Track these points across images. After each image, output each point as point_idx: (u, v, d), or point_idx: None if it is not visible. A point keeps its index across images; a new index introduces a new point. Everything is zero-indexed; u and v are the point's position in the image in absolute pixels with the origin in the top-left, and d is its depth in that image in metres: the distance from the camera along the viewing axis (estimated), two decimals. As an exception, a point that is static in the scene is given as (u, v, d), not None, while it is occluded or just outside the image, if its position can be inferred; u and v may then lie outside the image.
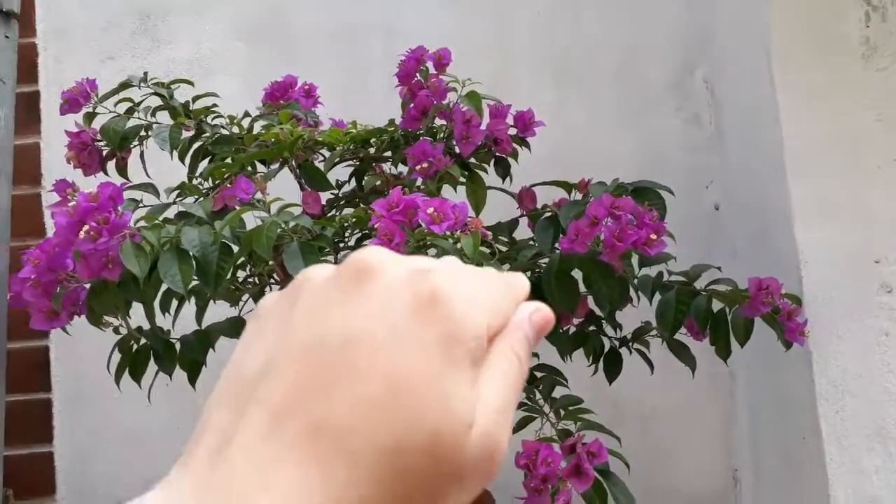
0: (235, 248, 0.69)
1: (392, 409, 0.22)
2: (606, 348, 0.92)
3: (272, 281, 0.92)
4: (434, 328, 0.23)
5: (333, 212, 0.94)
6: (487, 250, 0.72)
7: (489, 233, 0.67)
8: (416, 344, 0.23)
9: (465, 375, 0.23)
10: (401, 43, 0.97)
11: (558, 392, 0.85)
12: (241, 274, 0.90)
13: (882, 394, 0.88)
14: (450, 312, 0.23)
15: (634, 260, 0.82)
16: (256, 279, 0.93)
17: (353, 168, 0.97)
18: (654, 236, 0.73)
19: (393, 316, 0.23)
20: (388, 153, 0.94)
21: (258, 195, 0.73)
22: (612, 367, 0.92)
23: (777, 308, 0.80)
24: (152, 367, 0.88)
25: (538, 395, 0.83)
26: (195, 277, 0.66)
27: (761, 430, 1.15)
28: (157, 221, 0.70)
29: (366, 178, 0.92)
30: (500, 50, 1.35)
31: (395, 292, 0.23)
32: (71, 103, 0.85)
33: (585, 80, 1.35)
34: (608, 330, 0.93)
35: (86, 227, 0.59)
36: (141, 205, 0.80)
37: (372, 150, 0.95)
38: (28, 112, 1.35)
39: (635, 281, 0.84)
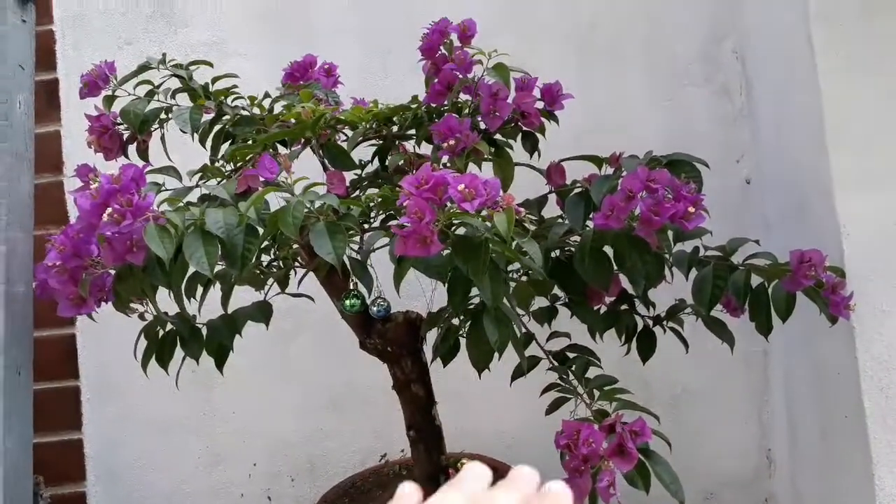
0: (260, 230, 0.68)
1: None
2: (639, 327, 0.90)
3: (297, 264, 0.91)
4: None
5: (357, 192, 0.92)
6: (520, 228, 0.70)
7: (522, 210, 0.65)
8: None
9: None
10: (421, 20, 0.94)
11: (591, 372, 0.83)
12: (265, 258, 0.88)
13: (928, 370, 0.85)
14: None
15: (669, 235, 0.79)
16: (281, 263, 0.91)
17: (375, 147, 0.95)
18: (692, 209, 0.70)
19: None
20: (412, 131, 0.92)
21: (282, 175, 0.71)
22: (646, 347, 0.89)
23: (820, 281, 0.77)
24: (179, 353, 0.87)
25: (571, 376, 0.81)
26: (221, 261, 0.65)
27: (797, 409, 1.12)
28: (180, 204, 0.68)
29: (389, 156, 0.90)
30: (523, 24, 1.32)
31: None
32: (90, 86, 0.84)
33: (611, 54, 1.32)
34: (640, 309, 0.91)
35: (109, 210, 0.58)
36: (163, 188, 0.79)
37: (395, 128, 0.93)
38: (48, 100, 1.34)
39: (670, 257, 0.82)
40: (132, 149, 0.90)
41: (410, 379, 0.93)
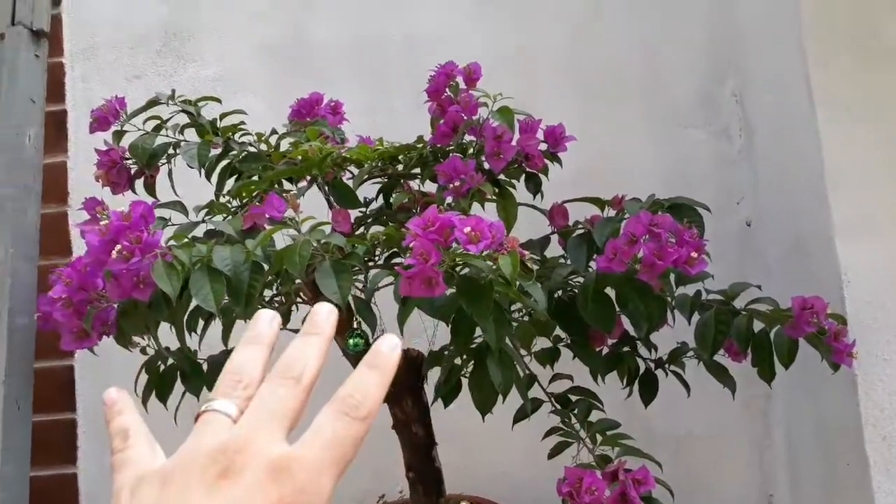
0: (265, 267, 0.68)
1: None
2: (641, 370, 0.90)
3: (299, 300, 0.91)
4: None
5: (361, 229, 0.93)
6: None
7: (526, 252, 0.65)
8: None
9: None
10: (424, 58, 0.96)
11: (594, 416, 0.82)
12: (266, 293, 0.88)
13: (930, 418, 0.85)
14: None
15: (671, 279, 0.80)
16: (283, 298, 0.91)
17: (380, 185, 0.95)
18: (694, 255, 0.71)
19: None
20: (417, 170, 0.93)
21: (289, 213, 0.71)
22: (648, 390, 0.89)
23: (822, 328, 0.77)
24: (178, 388, 0.86)
25: (574, 420, 0.80)
26: (226, 297, 0.65)
27: (800, 454, 1.12)
28: (186, 240, 0.69)
29: (394, 195, 0.91)
30: (524, 64, 1.34)
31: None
32: (100, 121, 0.85)
33: (612, 94, 1.33)
34: (642, 351, 0.91)
35: (118, 247, 0.58)
36: (169, 223, 0.79)
37: (400, 167, 0.94)
38: (55, 131, 1.35)
39: (672, 301, 0.82)
40: (139, 182, 0.91)
41: (410, 419, 0.92)
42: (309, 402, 0.33)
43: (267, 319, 0.35)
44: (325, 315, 0.35)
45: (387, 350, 0.34)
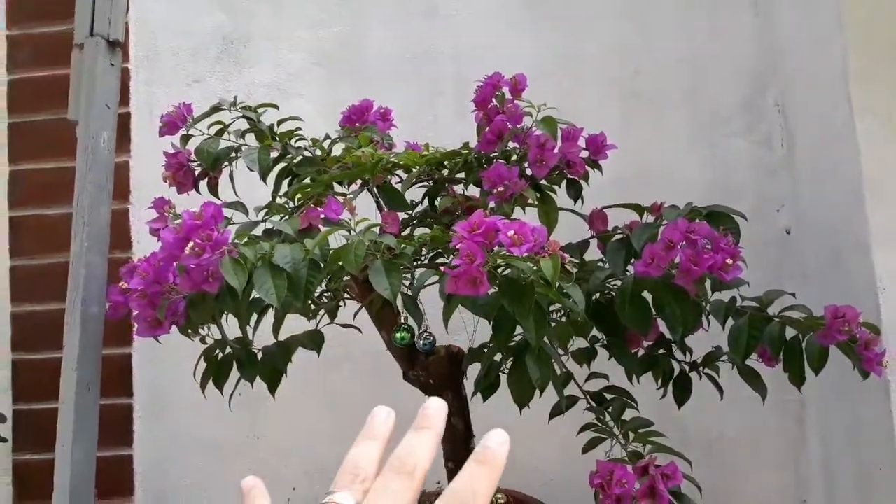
0: (321, 265, 0.73)
1: None
2: (676, 372, 0.93)
3: (346, 296, 0.96)
4: None
5: (408, 230, 0.97)
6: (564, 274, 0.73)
7: (567, 255, 0.69)
8: None
9: None
10: (470, 66, 1.00)
11: (628, 414, 0.86)
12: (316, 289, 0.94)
13: (965, 427, 0.86)
14: None
15: (707, 284, 0.82)
16: (332, 294, 0.96)
17: (425, 189, 1.00)
18: (729, 261, 0.73)
19: None
20: (461, 174, 0.97)
21: (344, 214, 0.76)
22: (682, 391, 0.92)
23: (854, 337, 0.79)
24: (233, 376, 0.92)
25: (608, 417, 0.83)
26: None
27: (833, 459, 1.13)
28: (248, 238, 0.74)
29: (439, 198, 0.95)
30: (569, 71, 1.37)
31: None
32: (169, 125, 0.91)
33: (655, 102, 1.36)
34: (677, 354, 0.93)
35: (190, 244, 0.64)
36: (231, 222, 0.85)
37: (445, 172, 0.98)
38: (120, 132, 1.43)
39: (707, 306, 0.85)
40: (202, 183, 0.97)
41: (450, 412, 0.96)
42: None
43: (383, 417, 0.37)
44: (436, 409, 0.36)
45: (495, 446, 0.34)
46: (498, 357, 0.86)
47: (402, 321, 0.85)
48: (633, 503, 0.66)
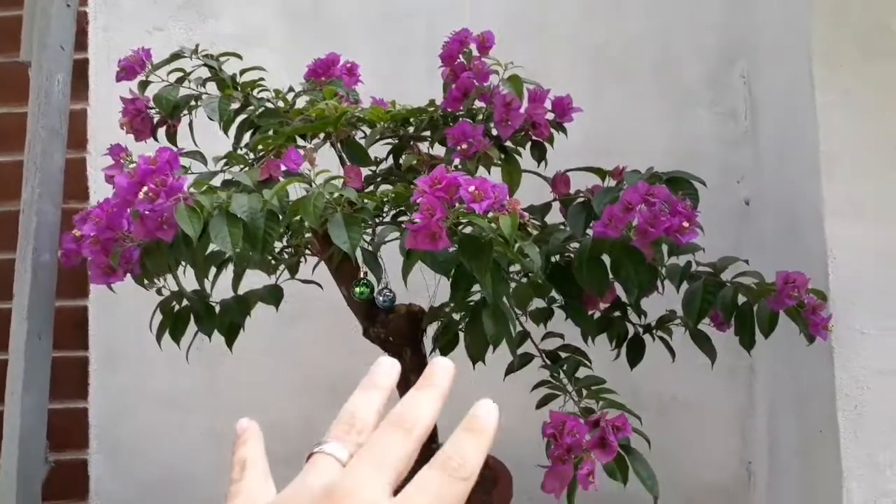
0: (280, 216, 0.72)
1: None
2: (630, 334, 0.95)
3: (307, 252, 0.95)
4: None
5: (371, 187, 0.97)
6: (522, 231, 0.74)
7: (526, 214, 0.69)
8: None
9: None
10: (442, 25, 0.99)
11: (581, 373, 0.87)
12: (277, 245, 0.93)
13: (902, 393, 0.90)
14: None
15: (664, 250, 0.83)
16: (293, 250, 0.96)
17: (391, 146, 0.99)
18: (686, 224, 0.74)
19: None
20: (427, 132, 0.96)
21: (304, 166, 0.75)
22: (635, 353, 0.94)
23: (802, 302, 0.81)
24: (190, 329, 0.91)
25: (562, 375, 0.85)
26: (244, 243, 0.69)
27: (778, 423, 1.17)
28: (206, 187, 0.73)
29: (403, 156, 0.94)
30: (539, 36, 1.37)
31: None
32: (127, 71, 0.89)
33: (623, 71, 1.36)
34: (632, 317, 0.95)
35: (144, 189, 0.63)
36: (190, 171, 0.83)
37: (411, 129, 0.97)
38: (77, 79, 1.39)
39: (664, 269, 0.86)
40: (161, 131, 0.95)
41: (409, 369, 0.97)
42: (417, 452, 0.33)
43: (386, 367, 0.36)
44: (442, 369, 0.35)
45: (484, 414, 0.33)
46: (457, 316, 0.87)
47: (362, 276, 0.85)
48: (583, 453, 0.68)
